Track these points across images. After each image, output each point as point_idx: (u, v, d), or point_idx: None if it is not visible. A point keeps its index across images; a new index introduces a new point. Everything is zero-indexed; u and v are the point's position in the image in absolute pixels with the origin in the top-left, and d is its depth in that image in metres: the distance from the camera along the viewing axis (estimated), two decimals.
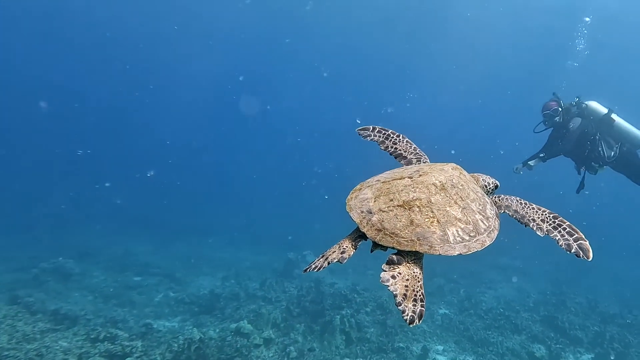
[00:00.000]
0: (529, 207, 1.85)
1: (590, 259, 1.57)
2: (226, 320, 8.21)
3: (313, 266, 1.57)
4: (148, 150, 31.16)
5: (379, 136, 2.39)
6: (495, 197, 1.99)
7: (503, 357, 7.83)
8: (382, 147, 2.36)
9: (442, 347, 7.94)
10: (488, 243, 1.63)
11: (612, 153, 5.82)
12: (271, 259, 12.82)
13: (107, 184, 20.04)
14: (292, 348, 7.10)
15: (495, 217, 1.78)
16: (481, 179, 2.05)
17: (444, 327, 8.69)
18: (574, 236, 1.63)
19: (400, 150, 2.32)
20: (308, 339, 7.51)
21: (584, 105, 5.96)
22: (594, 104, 5.98)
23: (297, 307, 8.55)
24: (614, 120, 5.79)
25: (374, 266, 11.67)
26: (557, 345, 8.25)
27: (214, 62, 32.28)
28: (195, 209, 20.30)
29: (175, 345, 6.42)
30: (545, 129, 6.27)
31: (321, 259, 1.59)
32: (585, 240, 1.60)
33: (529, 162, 6.34)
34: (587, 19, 19.47)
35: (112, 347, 6.35)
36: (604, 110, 5.87)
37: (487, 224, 1.69)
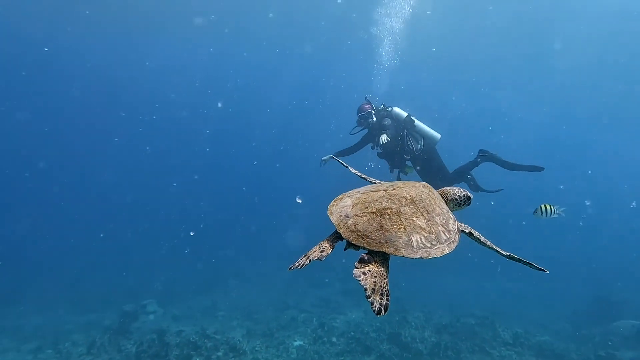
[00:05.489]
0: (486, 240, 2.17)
1: (547, 272, 2.02)
2: None
3: (297, 264, 1.71)
4: None
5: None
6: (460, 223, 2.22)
7: None
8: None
9: None
10: (447, 252, 1.84)
11: (419, 145, 7.04)
12: (102, 315, 10.82)
13: None
14: None
15: (456, 231, 2.01)
16: (451, 193, 2.34)
17: None
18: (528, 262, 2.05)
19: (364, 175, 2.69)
20: None
21: (389, 109, 7.08)
22: (397, 109, 7.23)
23: None
24: (415, 121, 7.07)
25: (225, 307, 10.86)
26: None
27: None
28: None
29: None
30: (361, 130, 7.16)
31: (303, 258, 1.73)
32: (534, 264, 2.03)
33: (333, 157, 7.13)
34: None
35: None
36: (405, 114, 7.11)
37: (448, 236, 1.90)
